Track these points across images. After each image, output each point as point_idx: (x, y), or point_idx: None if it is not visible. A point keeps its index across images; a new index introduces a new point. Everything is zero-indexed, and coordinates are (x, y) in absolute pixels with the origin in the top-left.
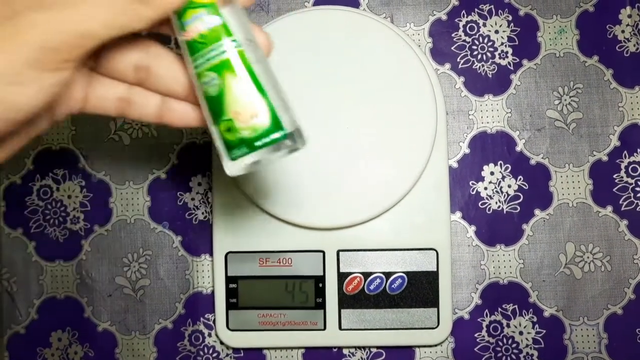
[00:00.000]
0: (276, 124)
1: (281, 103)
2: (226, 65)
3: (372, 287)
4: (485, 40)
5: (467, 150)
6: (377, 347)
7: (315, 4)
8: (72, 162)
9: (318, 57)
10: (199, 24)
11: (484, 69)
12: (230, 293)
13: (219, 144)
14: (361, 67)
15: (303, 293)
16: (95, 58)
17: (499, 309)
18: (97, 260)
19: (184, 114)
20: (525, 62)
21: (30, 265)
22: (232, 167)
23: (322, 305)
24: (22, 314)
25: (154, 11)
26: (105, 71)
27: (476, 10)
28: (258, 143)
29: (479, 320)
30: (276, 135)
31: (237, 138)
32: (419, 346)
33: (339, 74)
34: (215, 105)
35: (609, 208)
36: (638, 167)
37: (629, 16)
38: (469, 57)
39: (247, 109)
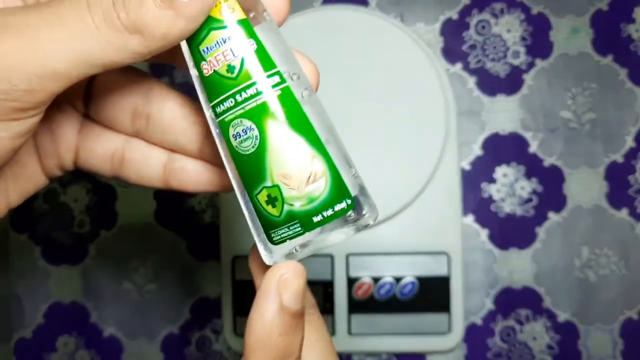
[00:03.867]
0: (340, 189)
1: (342, 157)
2: (267, 109)
3: (382, 291)
4: (497, 40)
5: (480, 152)
6: (388, 353)
7: (323, 4)
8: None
9: (326, 57)
10: (226, 50)
11: (496, 69)
12: (237, 298)
13: (253, 220)
14: (370, 67)
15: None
16: (84, 100)
17: (512, 314)
18: (103, 264)
19: (197, 177)
20: (538, 61)
21: (37, 270)
22: (276, 254)
23: (330, 310)
24: (28, 318)
25: (147, 46)
26: (97, 118)
27: (487, 9)
28: (317, 218)
29: (491, 325)
30: (342, 205)
31: (286, 212)
32: (430, 352)
33: (347, 74)
34: (251, 166)
35: (625, 211)
36: None
37: None
38: (481, 56)
39: (300, 170)
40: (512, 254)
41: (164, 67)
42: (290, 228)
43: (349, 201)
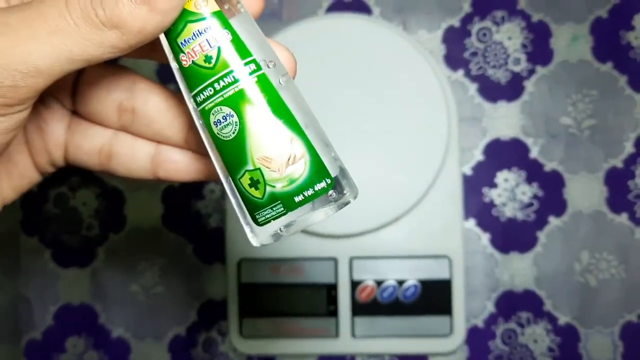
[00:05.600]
0: (320, 170)
1: (320, 139)
2: (245, 96)
3: (385, 294)
4: (498, 47)
5: (481, 157)
6: (390, 355)
7: (327, 12)
8: (87, 170)
9: (330, 64)
10: (203, 42)
11: (497, 76)
12: (243, 300)
13: (238, 204)
14: (373, 74)
15: (315, 300)
16: (72, 97)
17: (513, 317)
18: (112, 267)
19: (184, 167)
20: (538, 68)
21: (47, 272)
22: (262, 235)
23: (334, 313)
24: (38, 320)
25: (126, 41)
26: (84, 114)
27: (489, 17)
28: (299, 198)
29: (492, 328)
30: (322, 184)
31: (268, 194)
32: (432, 354)
33: (350, 81)
34: (233, 151)
35: (624, 215)
36: None
37: None
38: (482, 64)
39: (280, 153)
40: (513, 258)
41: None
42: (274, 209)
43: (329, 180)
